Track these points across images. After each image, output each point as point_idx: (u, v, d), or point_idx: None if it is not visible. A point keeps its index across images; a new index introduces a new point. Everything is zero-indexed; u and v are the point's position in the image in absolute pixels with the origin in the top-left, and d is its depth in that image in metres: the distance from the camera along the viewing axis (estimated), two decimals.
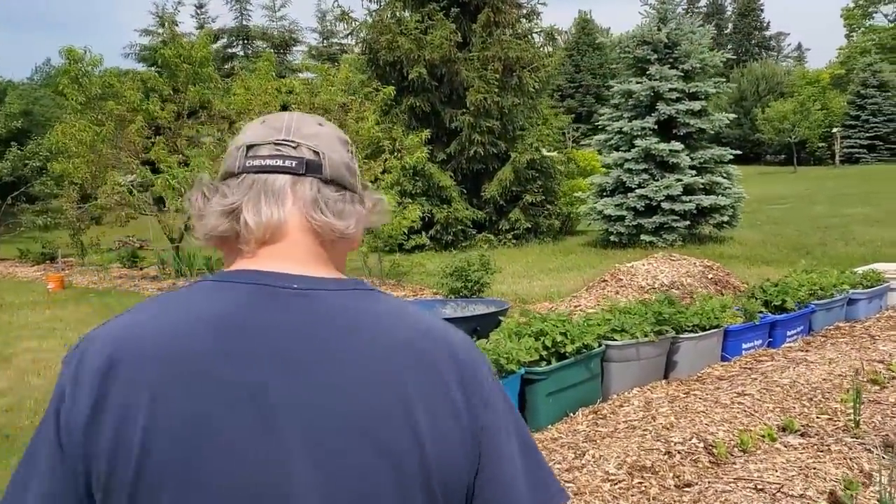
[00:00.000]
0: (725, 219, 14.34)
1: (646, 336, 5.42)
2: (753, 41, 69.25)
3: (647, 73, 14.57)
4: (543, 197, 15.83)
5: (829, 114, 43.72)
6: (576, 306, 7.29)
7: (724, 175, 14.61)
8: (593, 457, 4.35)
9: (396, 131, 14.10)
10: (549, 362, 5.01)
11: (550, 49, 17.31)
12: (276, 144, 1.02)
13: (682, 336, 5.70)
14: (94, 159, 12.75)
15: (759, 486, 3.84)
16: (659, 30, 14.66)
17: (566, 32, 17.54)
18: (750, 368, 5.90)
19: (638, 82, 14.57)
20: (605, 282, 7.60)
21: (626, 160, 14.32)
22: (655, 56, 14.61)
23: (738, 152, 17.50)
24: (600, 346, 5.23)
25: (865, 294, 7.30)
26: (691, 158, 14.21)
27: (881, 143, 43.81)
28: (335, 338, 0.93)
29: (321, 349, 0.92)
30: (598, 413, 5.10)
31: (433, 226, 14.80)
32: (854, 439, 4.35)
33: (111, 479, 0.87)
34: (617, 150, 14.71)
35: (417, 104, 15.77)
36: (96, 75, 12.40)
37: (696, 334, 5.78)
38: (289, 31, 29.76)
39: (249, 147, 1.02)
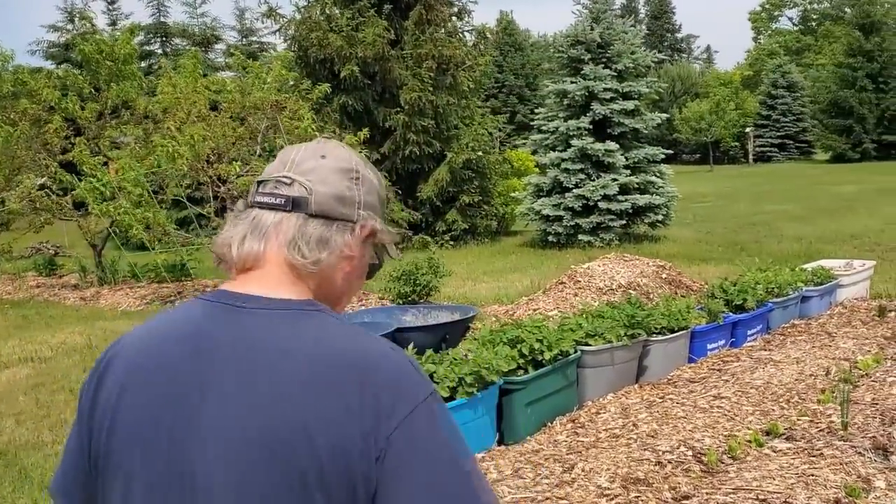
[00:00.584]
0: (660, 218, 14.48)
1: (620, 340, 5.27)
2: (666, 43, 71.08)
3: (582, 72, 14.59)
4: (480, 197, 15.68)
5: (743, 114, 45.18)
6: (534, 309, 7.12)
7: (658, 174, 14.76)
8: (583, 470, 4.15)
9: (329, 130, 13.71)
10: (525, 371, 4.81)
11: (482, 48, 17.18)
12: (276, 181, 1.14)
13: (653, 339, 5.57)
14: (6, 161, 11.93)
15: (761, 497, 3.71)
16: (592, 29, 14.70)
17: (498, 31, 17.41)
18: (718, 370, 5.82)
19: (572, 82, 14.57)
20: (563, 283, 7.46)
21: (563, 160, 14.29)
22: (589, 56, 14.65)
23: (670, 151, 17.77)
24: (576, 351, 5.04)
25: (818, 291, 7.37)
26: (626, 158, 14.29)
27: (791, 142, 45.53)
28: (260, 354, 1.02)
29: (246, 363, 1.02)
30: (575, 422, 4.92)
31: None
32: (843, 442, 4.28)
33: (96, 452, 1.07)
34: (553, 149, 14.67)
35: (350, 103, 15.40)
36: (9, 71, 11.59)
37: (666, 336, 5.68)
38: (210, 28, 28.84)
39: (259, 183, 1.16)
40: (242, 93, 10.73)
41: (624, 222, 14.15)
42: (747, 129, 44.57)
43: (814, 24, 75.21)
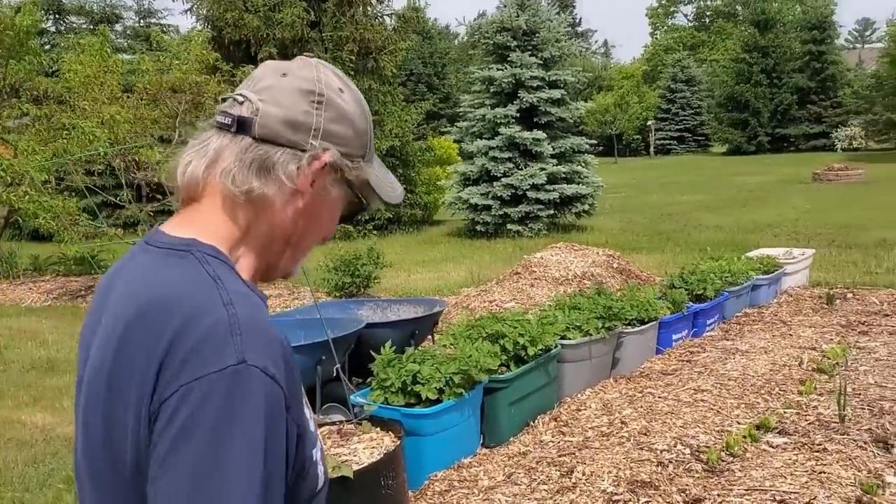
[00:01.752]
0: (586, 207, 14.48)
1: (598, 332, 5.04)
2: (568, 37, 72.06)
3: (508, 59, 14.38)
4: (404, 185, 15.28)
5: (645, 107, 46.28)
6: (490, 301, 6.84)
7: (583, 164, 14.75)
8: (583, 474, 3.90)
9: None
10: (508, 367, 4.51)
11: (403, 32, 16.74)
12: (232, 100, 1.04)
13: (627, 331, 5.38)
14: None
15: (778, 498, 3.54)
16: (518, 16, 14.51)
17: (417, 16, 16.98)
18: (688, 361, 5.69)
19: (499, 69, 14.35)
20: (518, 274, 7.20)
21: (491, 148, 14.07)
22: (515, 43, 14.46)
23: (594, 142, 17.84)
24: (556, 346, 4.78)
25: (767, 280, 7.38)
26: (553, 147, 14.19)
27: (689, 135, 46.90)
28: (119, 295, 1.01)
29: (112, 303, 1.01)
30: (558, 420, 4.67)
31: None
32: (843, 436, 4.17)
33: None
34: (480, 137, 14.43)
35: None
36: None
37: (639, 328, 5.49)
38: (110, 6, 27.10)
39: (223, 99, 1.06)
40: (160, 72, 9.98)
41: (552, 212, 14.06)
42: (649, 123, 45.67)
43: (707, 20, 77.96)
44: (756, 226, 13.94)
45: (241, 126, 1.02)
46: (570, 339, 4.93)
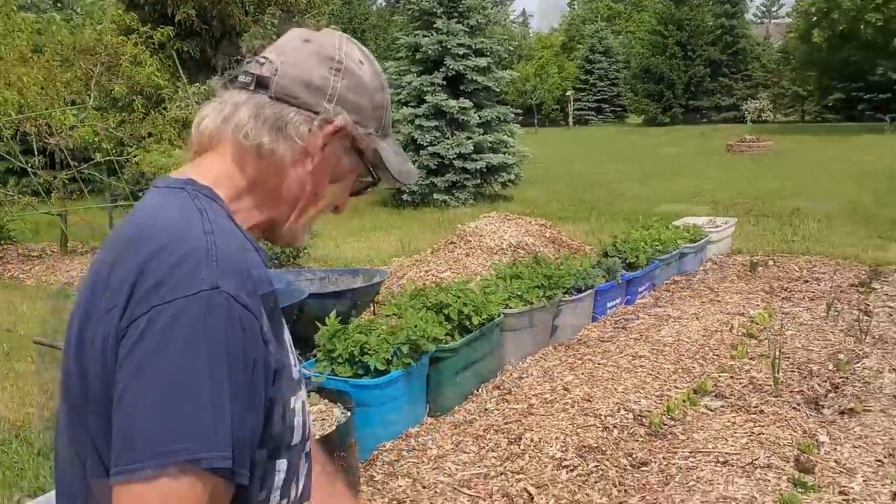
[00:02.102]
0: (511, 177, 14.54)
1: (540, 301, 5.08)
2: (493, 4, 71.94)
3: (434, 26, 14.22)
4: None
5: (564, 77, 46.75)
6: (426, 271, 6.80)
7: (509, 133, 14.78)
8: (532, 441, 3.94)
9: (162, 78, 12.52)
10: (452, 337, 4.50)
11: None
12: (255, 60, 1.06)
13: (566, 299, 5.44)
14: None
15: (721, 459, 3.66)
16: None
17: None
18: (623, 328, 5.81)
19: (425, 35, 14.19)
20: (453, 244, 7.18)
21: (417, 116, 13.95)
22: (441, 9, 14.30)
23: (520, 111, 17.89)
24: (500, 315, 4.79)
25: (693, 248, 7.58)
26: (479, 117, 14.16)
27: (607, 106, 47.73)
28: (115, 228, 1.04)
29: (110, 234, 1.03)
30: (501, 388, 4.70)
31: None
32: (776, 398, 4.34)
33: None
34: (406, 105, 14.27)
35: (185, 49, 14.15)
36: None
37: (577, 296, 5.56)
38: None
39: (248, 61, 1.07)
40: (72, 32, 9.46)
41: (478, 181, 14.07)
42: (567, 93, 46.19)
43: None
44: (676, 195, 14.29)
45: (260, 84, 1.04)
46: (512, 308, 4.95)
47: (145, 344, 0.85)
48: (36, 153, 9.51)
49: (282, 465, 1.00)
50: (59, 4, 11.52)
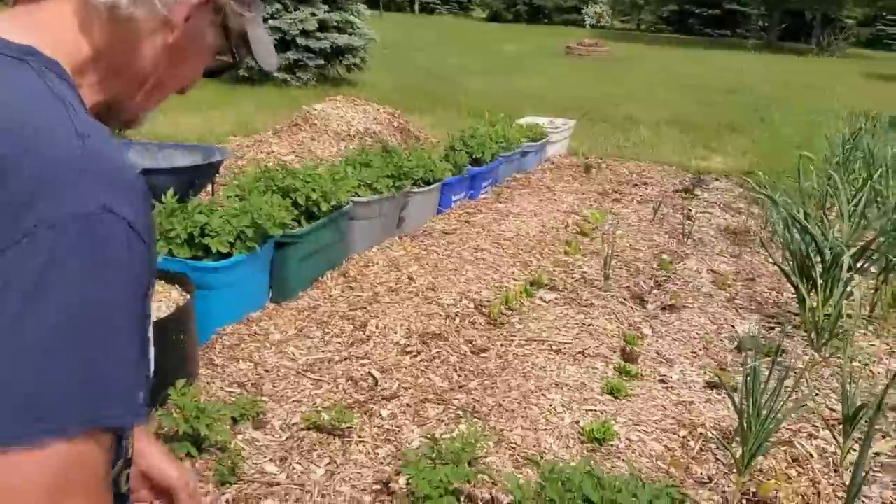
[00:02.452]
0: (357, 61, 14.14)
1: (389, 191, 5.05)
2: None
3: None
4: None
5: None
6: (268, 153, 6.56)
7: (356, 14, 14.28)
8: (377, 327, 3.99)
9: None
10: (299, 223, 4.40)
11: None
12: None
13: (414, 191, 5.44)
14: None
15: (554, 348, 3.87)
16: None
17: None
18: (467, 222, 5.92)
19: None
20: (298, 126, 6.93)
21: None
22: None
23: None
24: (348, 203, 4.73)
25: (534, 147, 7.77)
26: None
27: None
28: None
29: None
30: (346, 276, 4.68)
31: None
32: (606, 293, 4.61)
33: None
34: None
35: None
36: None
37: (425, 188, 5.58)
38: None
39: None
40: None
41: (322, 62, 13.59)
42: None
43: None
44: (517, 93, 14.51)
45: None
46: (361, 196, 4.89)
47: (25, 282, 0.67)
48: None
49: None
50: None
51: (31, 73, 0.78)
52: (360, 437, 2.99)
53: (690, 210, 6.68)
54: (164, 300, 3.43)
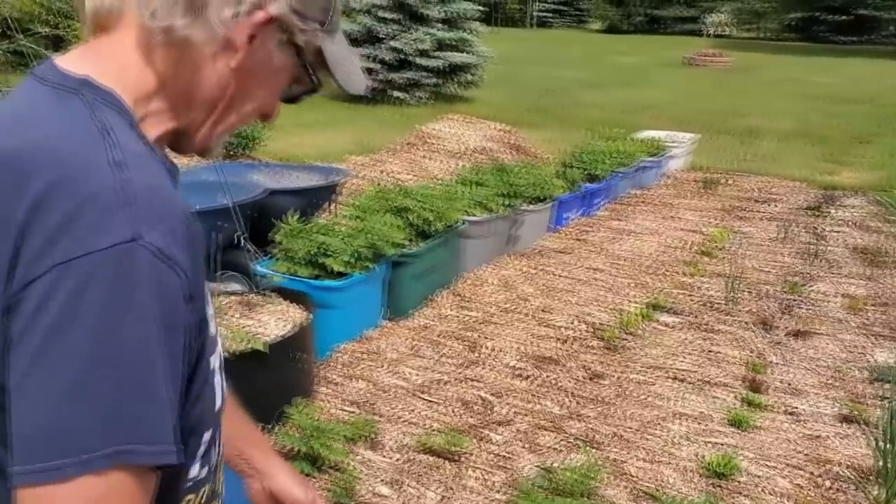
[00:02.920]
0: (471, 78, 14.24)
1: (501, 209, 5.03)
2: None
3: None
4: None
5: None
6: (384, 171, 6.66)
7: (471, 32, 14.38)
8: (489, 349, 3.96)
9: None
10: (413, 242, 4.43)
11: None
12: None
13: (527, 208, 5.40)
14: None
15: (674, 375, 3.72)
16: None
17: None
18: (581, 240, 5.81)
19: None
20: (413, 145, 7.03)
21: (376, 6, 13.43)
22: None
23: (485, 8, 17.40)
24: (461, 222, 4.73)
25: (653, 162, 7.57)
26: (441, 12, 13.71)
27: (568, 9, 46.85)
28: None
29: None
30: (459, 295, 4.68)
31: None
32: (730, 317, 4.41)
33: None
34: None
35: None
36: None
37: (538, 206, 5.52)
38: None
39: None
40: None
41: (437, 80, 13.75)
42: None
43: None
44: (635, 106, 14.22)
45: None
46: (474, 215, 4.89)
47: (50, 314, 0.66)
48: None
49: (206, 435, 0.86)
50: None
51: (79, 104, 0.78)
52: (472, 462, 2.96)
53: (820, 229, 6.32)
54: (286, 319, 3.52)
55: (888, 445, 2.57)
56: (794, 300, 4.73)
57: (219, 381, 0.88)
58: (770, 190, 7.76)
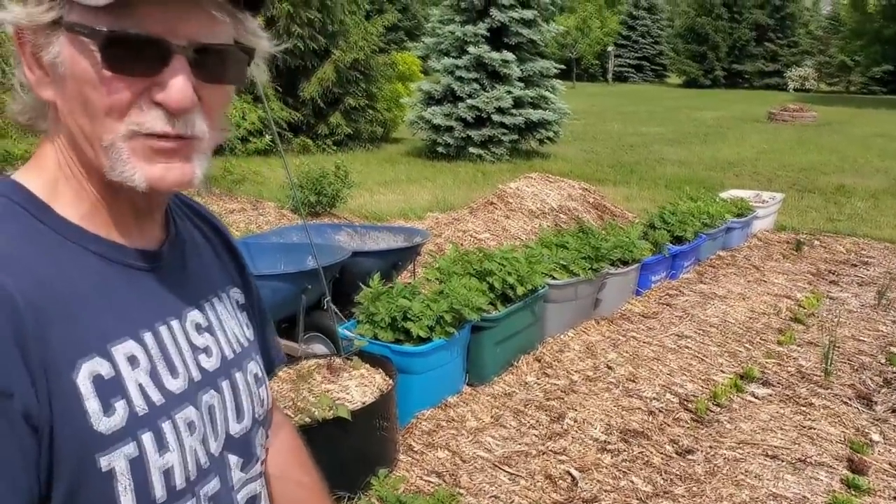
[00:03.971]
0: (550, 134, 14.27)
1: (585, 273, 4.95)
2: None
3: None
4: (366, 101, 14.80)
5: (606, 32, 45.80)
6: (464, 231, 6.68)
7: (550, 89, 14.47)
8: (574, 420, 3.85)
9: None
10: (495, 306, 4.39)
11: None
12: None
13: (611, 272, 5.30)
14: None
15: (769, 453, 3.55)
16: None
17: None
18: (667, 304, 5.66)
19: None
20: (493, 204, 7.03)
21: (457, 67, 13.66)
22: None
23: (563, 66, 17.54)
24: (544, 286, 4.67)
25: (740, 223, 7.37)
26: (521, 70, 13.85)
27: (648, 64, 46.84)
28: None
29: None
30: (541, 361, 4.59)
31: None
32: (826, 391, 4.20)
33: None
34: (447, 55, 13.97)
35: None
36: None
37: (623, 269, 5.42)
38: None
39: None
40: None
41: (515, 137, 13.83)
42: (609, 48, 45.29)
43: None
44: (717, 163, 13.98)
45: None
46: (557, 279, 4.83)
47: None
48: None
49: None
50: None
51: None
52: None
53: None
54: (369, 385, 3.51)
55: None
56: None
57: (148, 489, 0.78)
58: (863, 252, 7.46)
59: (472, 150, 13.65)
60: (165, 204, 0.93)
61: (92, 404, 0.75)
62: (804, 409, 3.98)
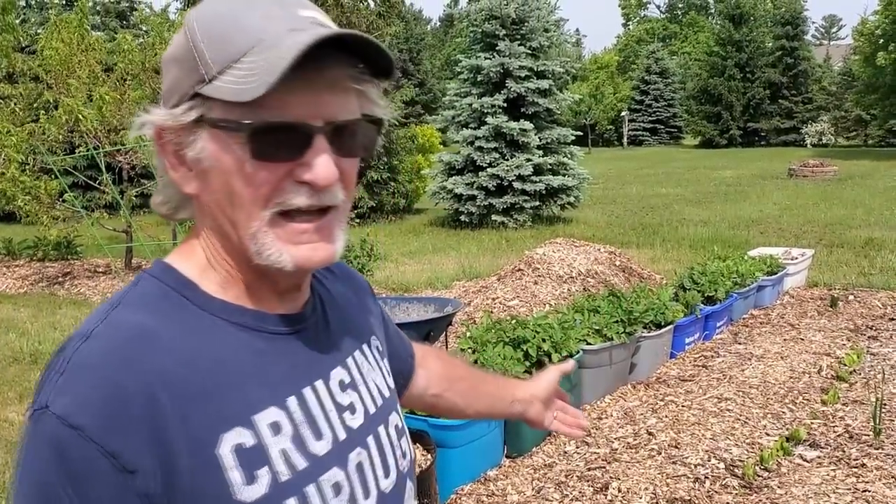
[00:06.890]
0: (571, 199, 14.33)
1: (619, 337, 4.89)
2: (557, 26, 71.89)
3: (497, 48, 14.14)
4: (388, 174, 14.99)
5: (619, 98, 46.38)
6: (493, 298, 6.64)
7: (569, 155, 14.59)
8: (619, 490, 3.74)
9: None
10: (530, 374, 4.32)
11: (388, 17, 16.39)
12: None
13: (645, 335, 5.23)
14: None
15: None
16: (507, 4, 14.26)
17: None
18: (704, 366, 5.56)
19: (487, 58, 14.10)
20: (521, 271, 7.01)
21: (477, 138, 13.85)
22: (504, 32, 14.21)
23: (580, 133, 17.71)
24: (578, 352, 4.61)
25: (771, 281, 7.29)
26: (539, 138, 14.01)
27: (662, 127, 47.15)
28: None
29: None
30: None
31: None
32: (878, 451, 4.06)
33: None
34: (466, 126, 14.19)
35: None
36: None
37: (656, 332, 5.35)
38: None
39: None
40: (143, 51, 9.57)
41: (537, 203, 13.89)
42: (622, 113, 45.78)
43: (679, 13, 78.44)
44: (740, 221, 13.91)
45: None
46: (591, 344, 4.77)
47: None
48: (104, 171, 9.59)
49: None
50: (124, 23, 11.62)
51: (134, 289, 0.84)
52: None
53: None
54: None
55: None
56: None
57: None
58: None
59: (494, 217, 13.72)
60: (310, 276, 0.95)
61: (234, 475, 0.76)
62: (856, 470, 3.85)
